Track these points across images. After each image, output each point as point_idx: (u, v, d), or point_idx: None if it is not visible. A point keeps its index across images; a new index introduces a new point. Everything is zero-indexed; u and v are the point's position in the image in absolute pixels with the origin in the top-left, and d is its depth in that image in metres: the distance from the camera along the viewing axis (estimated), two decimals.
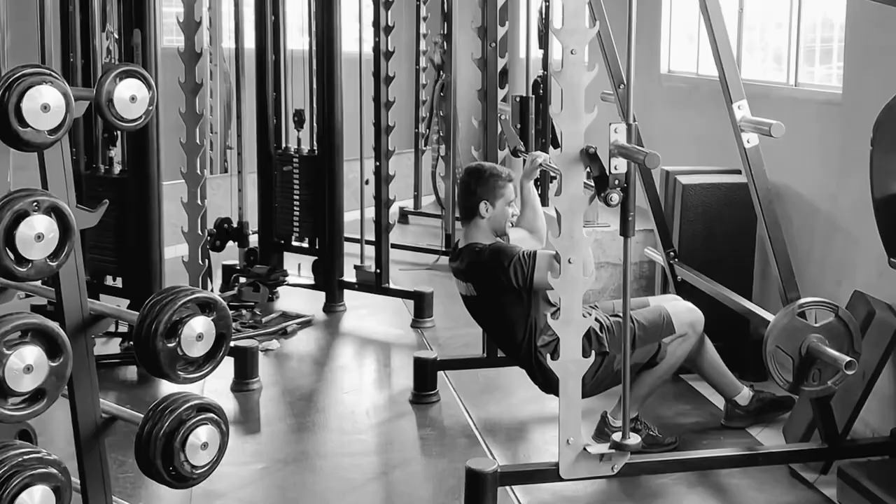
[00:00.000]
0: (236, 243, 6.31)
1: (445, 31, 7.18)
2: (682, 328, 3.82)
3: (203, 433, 2.26)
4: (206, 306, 2.23)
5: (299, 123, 6.13)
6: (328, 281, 5.95)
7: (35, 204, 2.08)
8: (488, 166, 3.97)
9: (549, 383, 3.62)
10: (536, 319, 3.70)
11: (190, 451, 2.24)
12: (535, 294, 3.69)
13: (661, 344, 3.78)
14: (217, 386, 4.54)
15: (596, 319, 3.67)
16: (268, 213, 6.15)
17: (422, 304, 5.66)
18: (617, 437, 3.24)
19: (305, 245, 6.09)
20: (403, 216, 8.54)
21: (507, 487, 3.46)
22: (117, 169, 5.03)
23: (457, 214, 7.07)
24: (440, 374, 4.55)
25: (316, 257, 6.02)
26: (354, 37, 6.30)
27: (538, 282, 3.61)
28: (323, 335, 5.56)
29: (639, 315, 3.81)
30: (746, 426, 4.05)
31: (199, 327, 2.21)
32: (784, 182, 4.51)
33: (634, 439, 3.24)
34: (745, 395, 4.03)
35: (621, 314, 3.71)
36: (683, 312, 3.87)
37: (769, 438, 3.98)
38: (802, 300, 3.38)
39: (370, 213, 6.14)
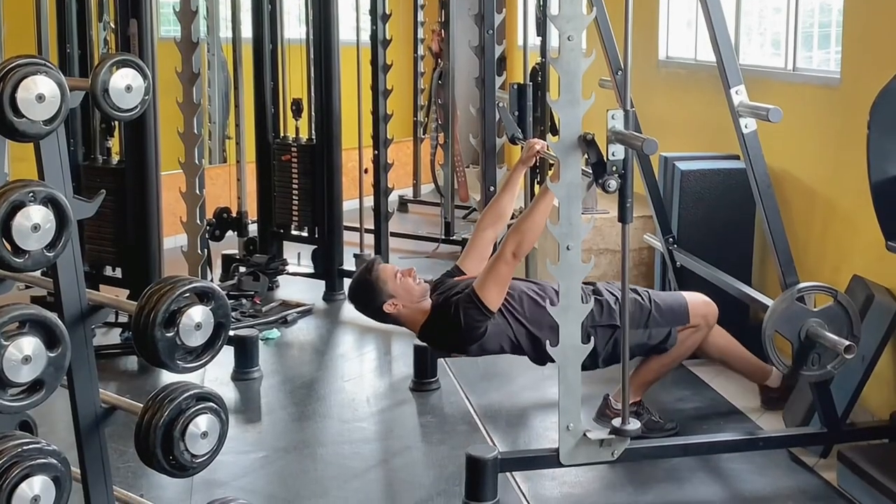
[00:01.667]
0: (235, 233, 6.32)
1: (443, 19, 7.16)
2: (696, 319, 3.84)
3: (203, 422, 2.26)
4: (204, 295, 2.23)
5: (297, 112, 6.12)
6: (328, 270, 5.95)
7: (31, 195, 2.07)
8: (354, 285, 3.92)
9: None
10: (520, 314, 3.72)
11: (190, 441, 2.24)
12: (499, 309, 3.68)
13: (672, 330, 3.79)
14: (217, 375, 4.56)
15: (611, 293, 3.76)
16: (267, 203, 6.15)
17: None
18: (617, 422, 3.25)
19: (305, 234, 6.09)
20: (402, 204, 8.54)
21: (508, 474, 3.47)
22: (115, 159, 5.03)
23: (456, 202, 7.17)
24: (440, 361, 4.55)
25: (315, 246, 6.02)
26: (352, 25, 6.30)
27: (490, 302, 3.60)
28: (323, 324, 5.57)
29: (658, 297, 3.86)
30: (783, 407, 4.05)
31: (198, 316, 2.21)
32: (782, 167, 4.50)
33: (634, 425, 3.24)
34: (775, 377, 4.03)
35: (637, 291, 3.83)
36: (700, 304, 3.88)
37: (769, 423, 3.99)
38: (801, 285, 3.38)
39: (369, 201, 6.15)
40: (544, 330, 3.60)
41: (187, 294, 2.20)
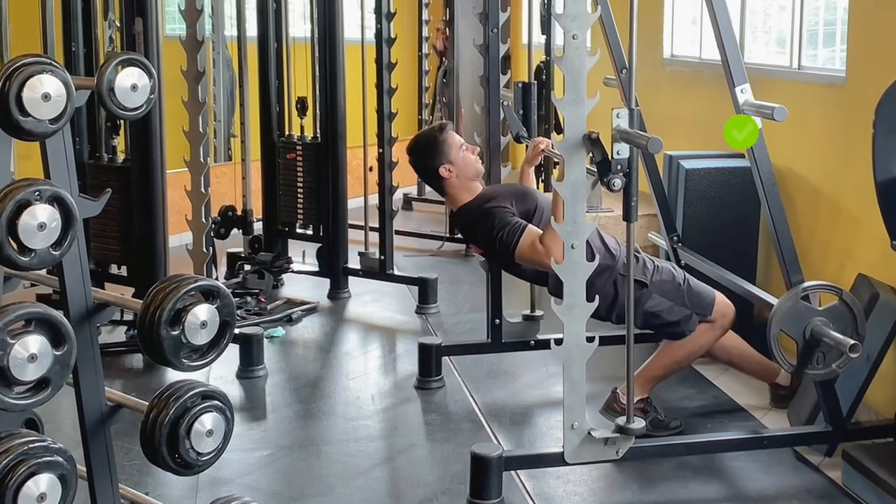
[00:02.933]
0: (240, 231, 6.32)
1: (448, 18, 7.16)
2: (716, 315, 3.86)
3: (208, 420, 2.26)
4: (209, 294, 2.24)
5: (302, 111, 6.13)
6: (332, 268, 5.96)
7: (37, 193, 2.08)
8: (420, 137, 4.10)
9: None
10: None
11: (195, 439, 2.25)
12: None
13: (694, 315, 3.82)
14: (223, 373, 4.57)
15: (650, 259, 3.90)
16: (272, 201, 6.16)
17: (426, 290, 5.67)
18: (622, 420, 3.25)
19: (310, 232, 6.10)
20: (407, 203, 8.54)
21: (513, 472, 3.48)
22: (121, 157, 5.04)
23: None
24: (445, 359, 4.56)
25: (320, 244, 6.03)
26: (357, 24, 6.29)
27: (519, 256, 3.69)
28: (328, 322, 5.57)
29: (691, 279, 3.91)
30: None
31: (203, 315, 2.21)
32: (787, 165, 4.50)
33: (639, 423, 3.23)
34: (784, 375, 4.04)
35: (674, 266, 3.97)
36: (723, 303, 3.91)
37: (774, 422, 3.98)
38: (806, 284, 3.38)
39: (374, 199, 6.15)
40: None
41: (192, 292, 2.20)
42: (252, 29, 6.25)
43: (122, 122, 4.93)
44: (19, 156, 4.69)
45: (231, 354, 4.41)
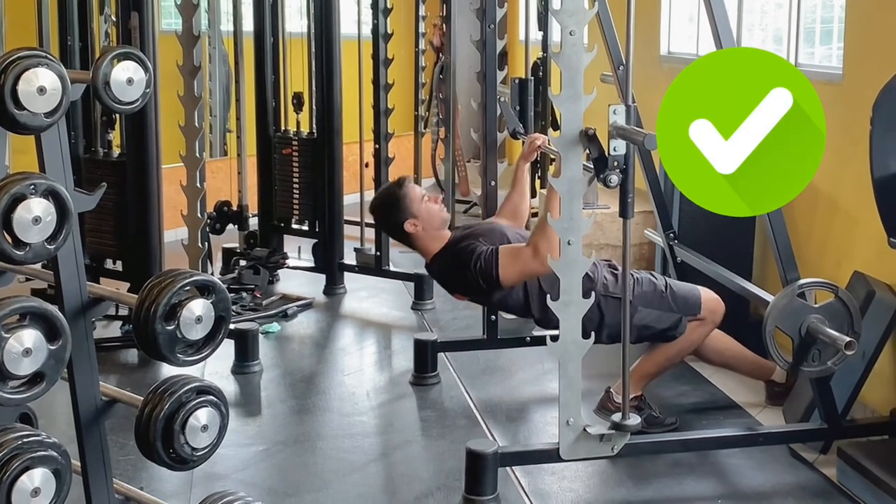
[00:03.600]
0: (236, 226, 6.32)
1: (444, 14, 7.14)
2: (705, 312, 3.86)
3: (203, 415, 2.26)
4: (204, 289, 2.23)
5: (298, 106, 6.13)
6: (328, 263, 5.95)
7: (32, 187, 2.07)
8: (381, 196, 4.09)
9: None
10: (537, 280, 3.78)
11: (190, 434, 2.24)
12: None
13: (683, 318, 3.81)
14: (218, 368, 4.56)
15: (630, 273, 3.78)
16: (267, 196, 6.15)
17: (422, 287, 5.66)
18: (617, 417, 3.25)
19: (305, 228, 6.10)
20: None
21: (508, 468, 3.47)
22: (116, 152, 5.03)
23: (457, 197, 7.17)
24: (440, 355, 4.56)
25: (316, 240, 6.02)
26: (353, 19, 6.29)
27: (504, 273, 3.68)
28: (323, 317, 5.57)
29: (673, 283, 3.90)
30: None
31: (198, 310, 2.20)
32: None
33: (634, 420, 3.24)
34: (779, 373, 4.03)
35: (653, 274, 3.93)
36: (711, 299, 3.90)
37: (769, 419, 3.99)
38: (802, 281, 3.38)
39: (370, 195, 6.14)
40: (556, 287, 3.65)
41: (188, 287, 2.20)
42: (248, 24, 6.24)
43: (117, 116, 4.92)
44: (15, 150, 4.67)
45: (226, 350, 4.41)
